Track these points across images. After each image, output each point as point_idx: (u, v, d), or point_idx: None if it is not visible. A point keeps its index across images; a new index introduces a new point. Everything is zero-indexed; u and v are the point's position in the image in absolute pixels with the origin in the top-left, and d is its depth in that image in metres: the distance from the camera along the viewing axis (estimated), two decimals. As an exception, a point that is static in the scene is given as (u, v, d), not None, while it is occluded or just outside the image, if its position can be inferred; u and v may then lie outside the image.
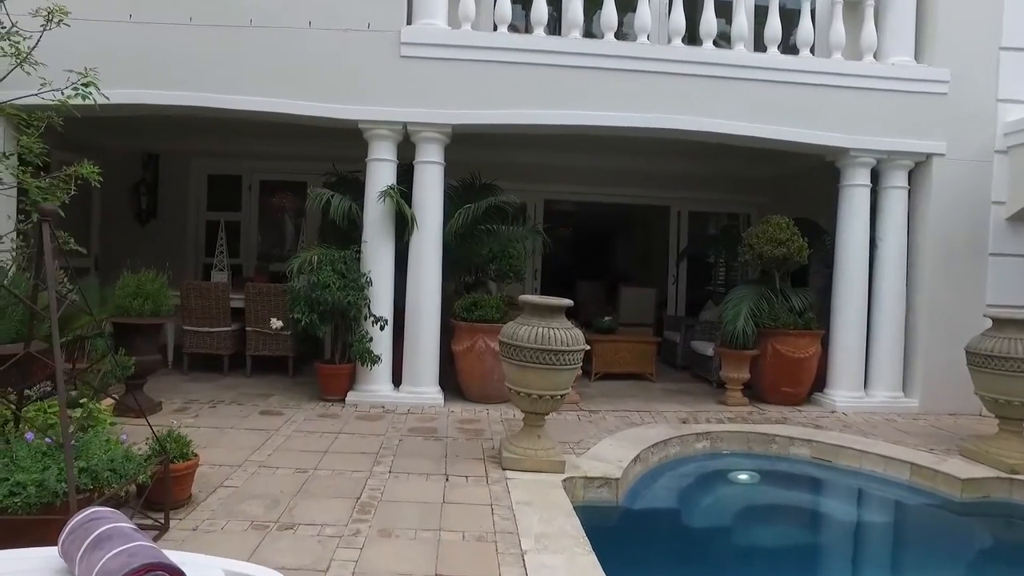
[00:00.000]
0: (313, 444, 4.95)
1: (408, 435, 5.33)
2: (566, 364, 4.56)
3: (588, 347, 4.79)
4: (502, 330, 4.77)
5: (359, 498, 3.94)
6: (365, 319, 6.11)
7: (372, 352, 6.11)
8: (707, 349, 7.89)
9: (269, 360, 7.48)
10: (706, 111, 6.39)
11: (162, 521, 3.33)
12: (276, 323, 6.28)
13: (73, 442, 2.82)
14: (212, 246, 9.22)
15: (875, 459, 5.32)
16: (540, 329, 4.55)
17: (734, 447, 5.99)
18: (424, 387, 6.35)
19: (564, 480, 4.51)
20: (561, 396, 4.70)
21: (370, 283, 6.19)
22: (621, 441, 5.50)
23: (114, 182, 9.07)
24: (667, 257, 12.71)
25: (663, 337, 9.55)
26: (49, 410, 3.69)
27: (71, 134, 8.35)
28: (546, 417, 4.81)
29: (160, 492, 3.39)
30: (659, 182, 9.80)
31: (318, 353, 7.13)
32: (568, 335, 4.60)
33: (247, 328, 7.26)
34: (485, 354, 6.32)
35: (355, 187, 6.88)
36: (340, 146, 7.25)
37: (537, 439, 4.78)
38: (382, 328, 6.12)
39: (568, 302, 4.71)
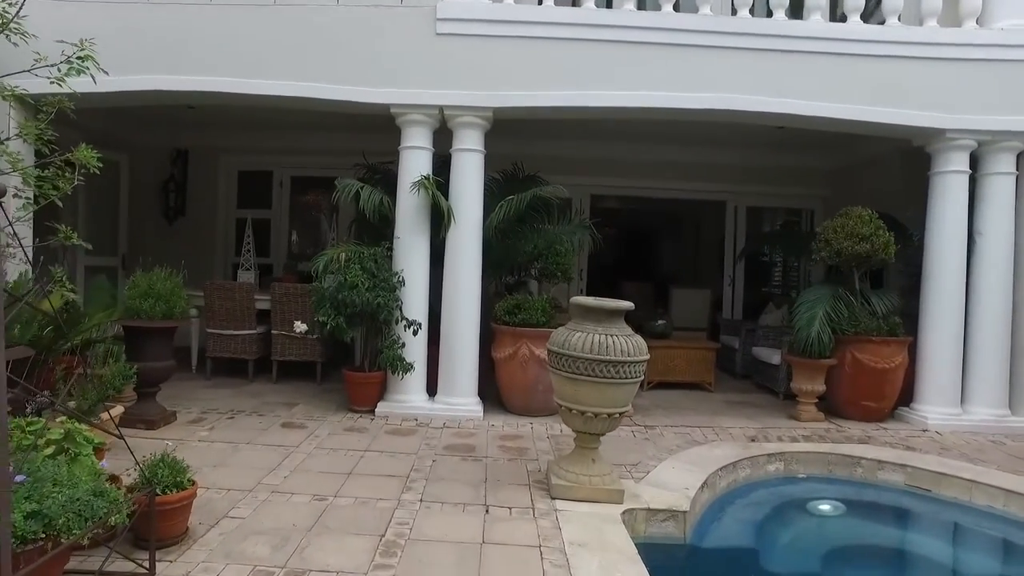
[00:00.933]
0: (336, 464, 4.34)
1: (443, 454, 4.69)
2: (626, 377, 3.86)
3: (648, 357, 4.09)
4: (551, 337, 4.09)
5: (383, 535, 3.29)
6: (397, 322, 5.50)
7: (404, 359, 5.49)
8: (772, 357, 7.08)
9: (297, 366, 6.94)
10: (777, 90, 5.61)
11: (146, 566, 2.75)
12: (300, 326, 5.72)
13: (21, 476, 2.25)
14: (242, 245, 8.77)
15: (990, 491, 4.48)
16: (596, 336, 3.87)
17: (812, 470, 5.20)
18: (461, 398, 5.71)
19: (623, 512, 3.81)
20: (620, 414, 4.00)
21: (402, 283, 5.58)
22: (685, 463, 4.77)
23: (142, 179, 8.72)
24: (722, 255, 11.92)
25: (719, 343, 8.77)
26: (28, 428, 3.15)
27: (95, 128, 8.07)
28: (601, 437, 4.13)
29: (151, 526, 2.81)
30: (714, 175, 9.00)
31: (348, 358, 6.56)
32: (629, 343, 3.90)
33: (272, 331, 6.74)
34: (529, 362, 5.65)
35: (388, 179, 6.29)
36: (374, 139, 6.69)
37: (591, 463, 4.09)
38: (415, 333, 5.50)
39: (629, 305, 4.01)
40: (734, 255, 9.30)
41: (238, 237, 8.93)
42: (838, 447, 5.29)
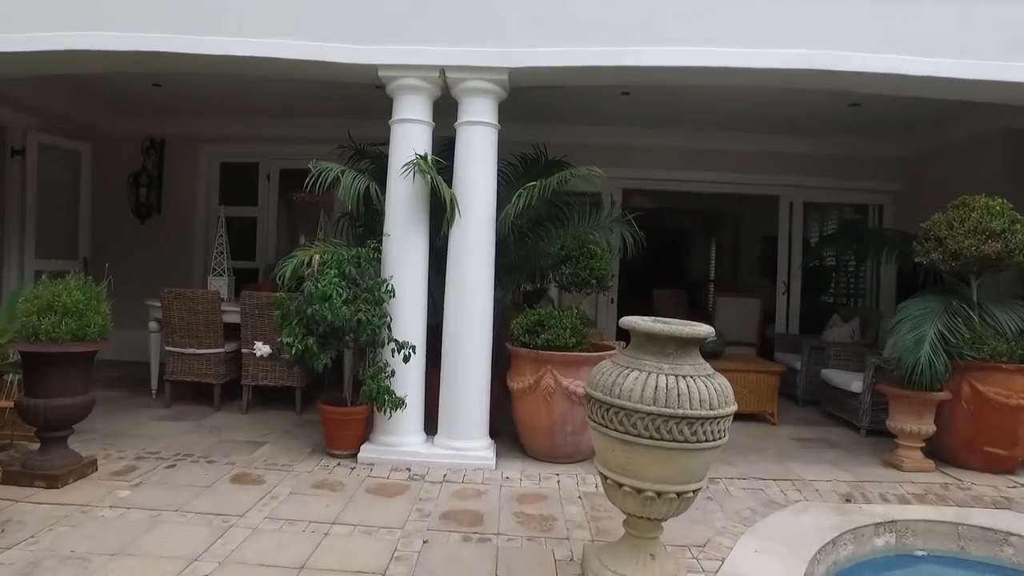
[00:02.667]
0: (287, 550, 3.02)
1: (439, 527, 3.36)
2: (707, 439, 2.53)
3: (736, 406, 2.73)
4: (591, 377, 2.76)
5: None
6: (384, 344, 4.19)
7: (393, 393, 4.18)
8: (851, 383, 5.66)
9: (275, 391, 5.68)
10: (879, 43, 4.22)
11: None
12: (262, 348, 4.44)
13: None
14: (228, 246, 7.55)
15: None
16: (661, 378, 2.53)
17: (935, 544, 3.80)
18: (468, 441, 4.38)
19: (702, 644, 2.48)
20: (693, 492, 2.65)
21: (392, 293, 4.27)
22: (769, 541, 3.40)
23: (109, 171, 7.49)
24: (767, 257, 10.50)
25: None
26: None
27: (53, 112, 6.87)
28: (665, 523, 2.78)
29: None
30: (767, 165, 7.60)
31: (337, 382, 5.28)
32: (711, 388, 2.56)
33: (243, 350, 5.47)
34: (555, 395, 4.31)
35: (380, 165, 4.99)
36: (374, 127, 5.39)
37: (649, 561, 2.74)
38: (407, 358, 4.17)
39: (708, 330, 2.69)
40: (789, 258, 7.87)
41: (220, 238, 7.71)
42: (969, 514, 3.88)
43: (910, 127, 6.90)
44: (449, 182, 4.41)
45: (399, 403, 4.17)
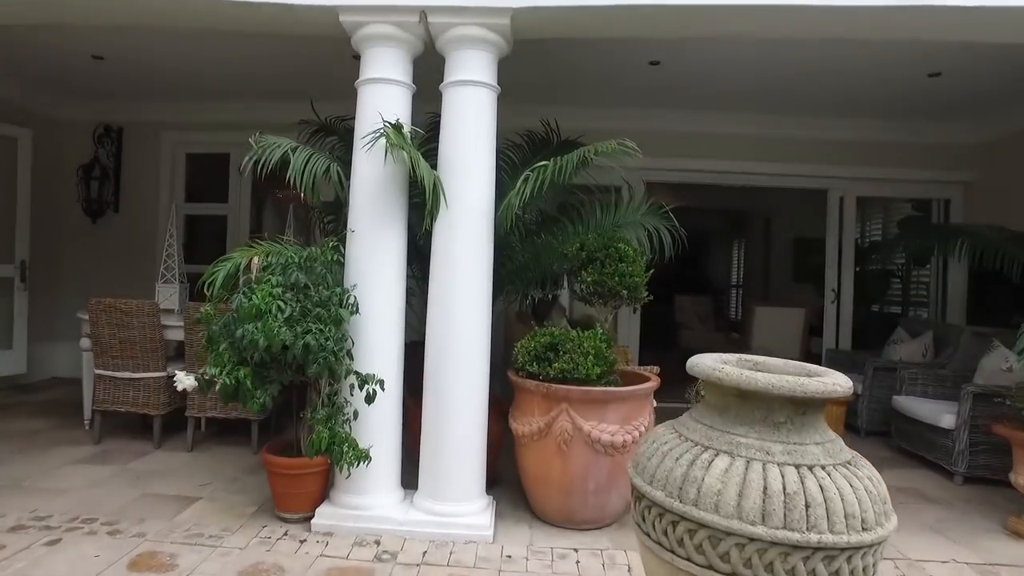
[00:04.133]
0: None
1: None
2: (857, 585, 1.39)
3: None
4: (638, 457, 1.67)
5: None
6: (342, 377, 3.08)
7: (355, 443, 3.06)
8: (939, 416, 4.48)
9: (232, 422, 4.59)
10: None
11: None
12: (184, 379, 3.30)
13: None
14: (192, 249, 6.50)
15: None
16: (771, 471, 1.40)
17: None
18: (457, 503, 3.24)
19: None
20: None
21: (355, 308, 3.15)
22: None
23: (55, 163, 6.40)
24: (807, 262, 9.33)
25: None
26: None
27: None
28: None
29: None
30: (814, 153, 6.43)
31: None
32: (860, 488, 1.44)
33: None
34: (572, 442, 3.18)
35: (349, 144, 3.90)
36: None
37: None
38: (371, 397, 3.04)
39: (845, 385, 1.56)
40: (839, 261, 6.69)
41: (189, 239, 6.65)
42: None
43: (989, 106, 5.72)
44: (433, 165, 3.31)
45: (362, 456, 3.04)
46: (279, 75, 5.49)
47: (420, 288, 3.83)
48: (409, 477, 3.44)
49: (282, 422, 4.72)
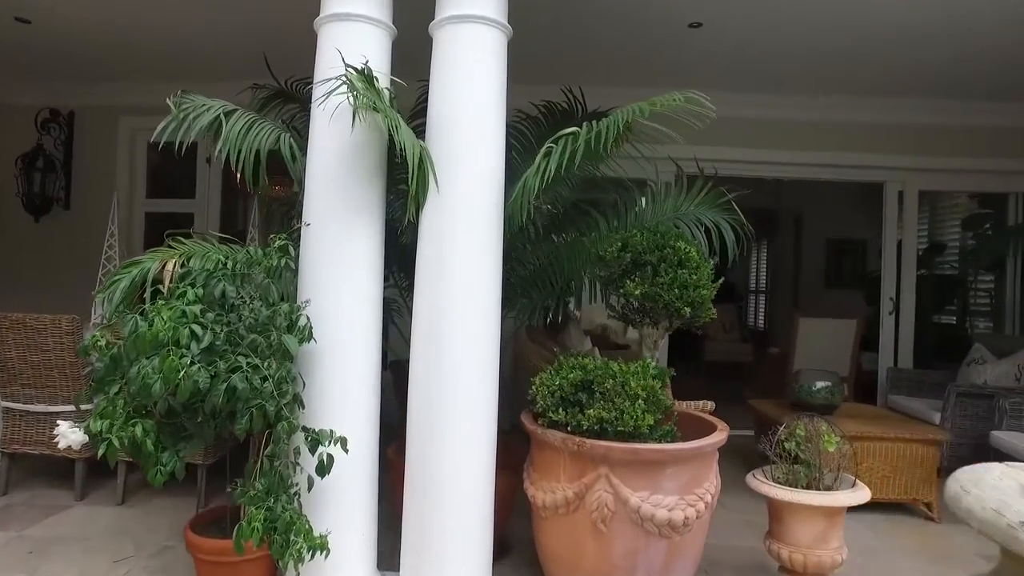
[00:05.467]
0: None
1: None
2: None
3: None
4: None
5: None
6: (286, 435, 2.13)
7: (306, 530, 2.10)
8: (1060, 460, 3.54)
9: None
10: None
11: None
12: (69, 434, 2.31)
13: None
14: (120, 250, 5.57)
15: None
16: None
17: None
18: (452, 601, 2.32)
19: None
20: None
21: (306, 334, 2.21)
22: None
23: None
24: (857, 265, 8.41)
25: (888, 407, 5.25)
26: None
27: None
28: None
29: None
30: (868, 142, 5.48)
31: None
32: None
33: (114, 409, 3.45)
34: (614, 520, 2.23)
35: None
36: None
37: None
38: (324, 467, 2.07)
39: None
40: (898, 265, 5.72)
41: (148, 242, 5.73)
42: None
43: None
44: (421, 134, 2.39)
45: (317, 546, 2.09)
46: (256, 52, 4.56)
47: (406, 300, 2.91)
48: (390, 543, 2.51)
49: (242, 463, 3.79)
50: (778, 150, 5.54)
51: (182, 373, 1.87)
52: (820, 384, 4.02)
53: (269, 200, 5.01)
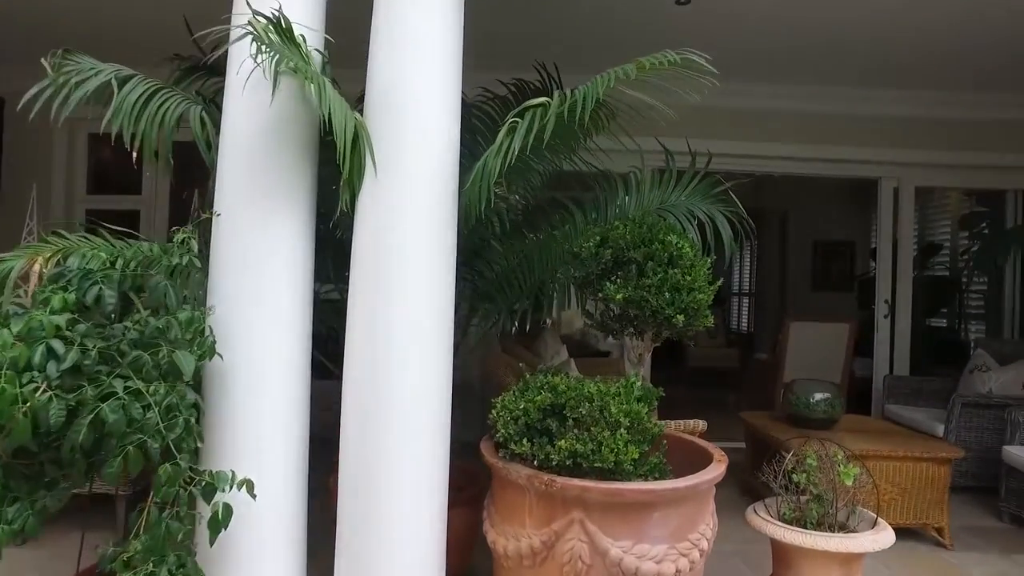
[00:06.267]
0: None
1: None
2: None
3: None
4: None
5: None
6: (174, 479, 1.69)
7: (197, 596, 1.68)
8: (1084, 480, 3.18)
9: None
10: None
11: None
12: None
13: None
14: (93, 252, 5.08)
15: None
16: None
17: None
18: None
19: None
20: None
21: (206, 350, 1.77)
22: None
23: None
24: (845, 267, 8.10)
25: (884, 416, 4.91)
26: None
27: None
28: None
29: None
30: (863, 135, 5.14)
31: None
32: None
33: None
34: (591, 574, 1.84)
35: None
36: None
37: None
38: (218, 523, 1.58)
39: None
40: (894, 266, 5.38)
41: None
42: None
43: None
44: (359, 107, 1.96)
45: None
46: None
47: (321, 311, 2.48)
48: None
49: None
50: (770, 143, 5.17)
51: (24, 403, 1.42)
52: (819, 396, 3.64)
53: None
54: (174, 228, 1.94)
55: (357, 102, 2.50)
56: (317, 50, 1.98)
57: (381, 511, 1.86)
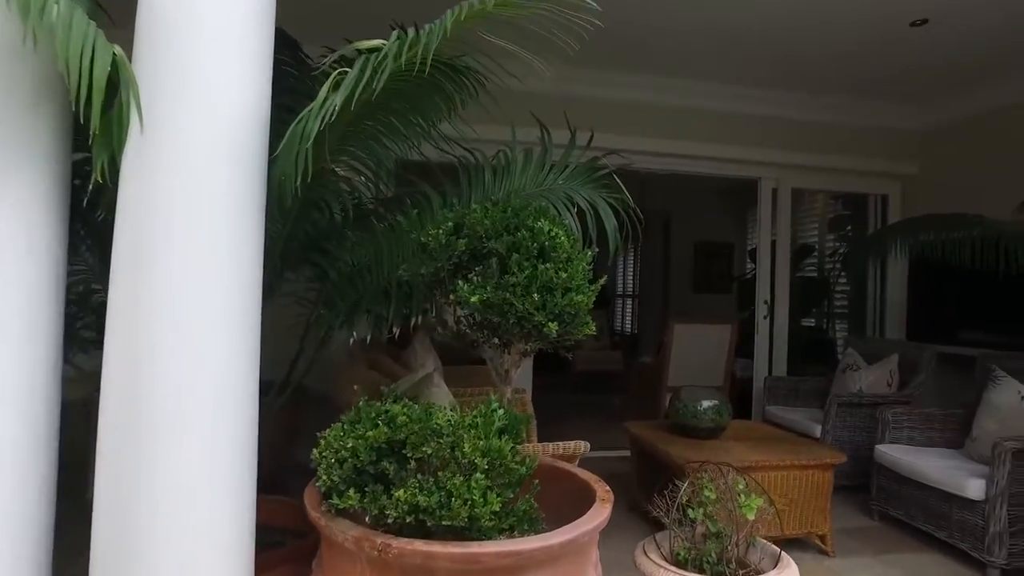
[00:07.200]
0: None
1: None
2: None
3: None
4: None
5: None
6: None
7: None
8: (962, 482, 3.11)
9: None
10: None
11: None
12: None
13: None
14: None
15: None
16: None
17: None
18: None
19: None
20: None
21: None
22: None
23: None
24: (726, 269, 8.19)
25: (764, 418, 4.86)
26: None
27: None
28: None
29: None
30: (745, 134, 5.09)
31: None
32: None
33: None
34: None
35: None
36: None
37: None
38: None
39: None
40: (772, 267, 5.38)
41: None
42: None
43: (947, 81, 4.63)
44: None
45: None
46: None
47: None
48: None
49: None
50: (653, 138, 4.96)
51: None
52: (706, 404, 3.42)
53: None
54: None
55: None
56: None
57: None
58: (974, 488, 3.06)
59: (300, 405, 3.23)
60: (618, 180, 2.18)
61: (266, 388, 1.86)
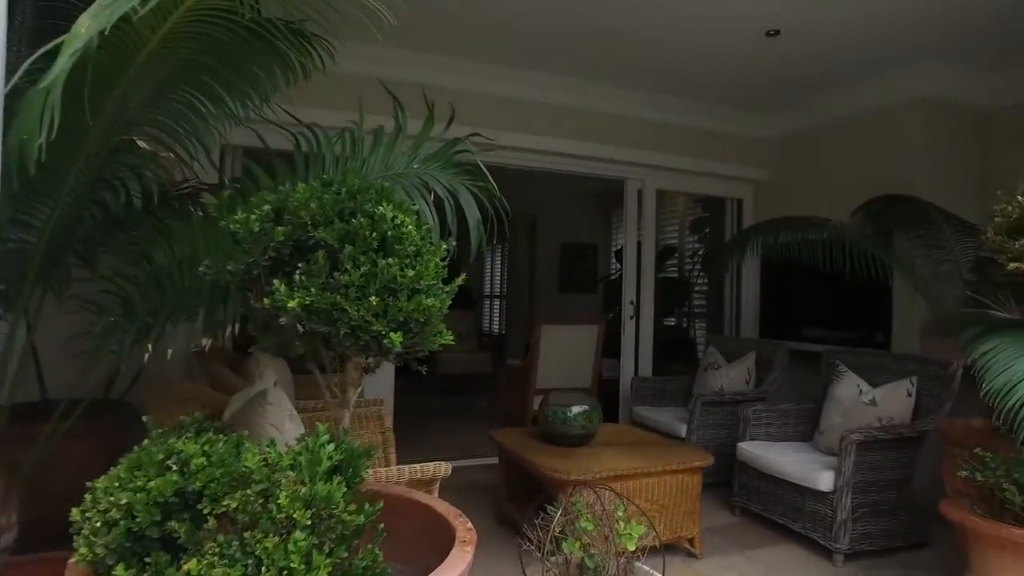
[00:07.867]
0: None
1: None
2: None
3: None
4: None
5: None
6: None
7: None
8: (814, 475, 3.21)
9: None
10: None
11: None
12: None
13: None
14: None
15: None
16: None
17: None
18: None
19: None
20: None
21: None
22: None
23: None
24: (590, 269, 8.23)
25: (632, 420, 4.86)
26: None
27: None
28: None
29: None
30: (615, 133, 5.08)
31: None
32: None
33: None
34: None
35: None
36: None
37: None
38: None
39: None
40: (638, 268, 5.43)
41: None
42: None
43: (798, 92, 4.89)
44: None
45: None
46: None
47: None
48: None
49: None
50: (521, 133, 4.78)
51: None
52: (576, 410, 3.28)
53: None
54: None
55: None
56: None
57: None
58: (825, 480, 3.16)
59: (122, 425, 2.69)
60: (483, 168, 1.93)
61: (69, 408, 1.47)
